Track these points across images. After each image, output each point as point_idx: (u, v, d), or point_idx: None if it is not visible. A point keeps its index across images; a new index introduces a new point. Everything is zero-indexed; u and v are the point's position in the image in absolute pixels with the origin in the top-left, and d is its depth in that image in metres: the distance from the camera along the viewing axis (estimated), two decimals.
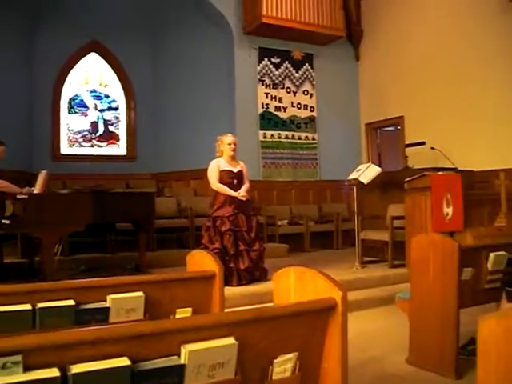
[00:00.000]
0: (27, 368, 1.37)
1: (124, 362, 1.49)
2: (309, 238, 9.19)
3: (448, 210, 6.17)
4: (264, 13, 9.39)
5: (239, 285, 5.68)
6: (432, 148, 8.25)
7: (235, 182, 6.01)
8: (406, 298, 3.93)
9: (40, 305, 2.23)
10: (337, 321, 1.84)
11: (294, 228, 9.29)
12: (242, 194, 5.94)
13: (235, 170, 6.05)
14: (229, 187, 5.93)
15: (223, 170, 5.99)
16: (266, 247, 6.34)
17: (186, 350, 1.58)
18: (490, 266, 3.68)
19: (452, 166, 7.53)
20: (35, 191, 5.73)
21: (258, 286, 5.69)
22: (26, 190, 5.76)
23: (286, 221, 9.34)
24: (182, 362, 1.58)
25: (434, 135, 8.79)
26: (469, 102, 8.63)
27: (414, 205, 6.39)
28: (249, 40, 10.01)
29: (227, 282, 5.35)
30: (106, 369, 1.45)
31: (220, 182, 5.95)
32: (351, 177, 6.98)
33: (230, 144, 6.04)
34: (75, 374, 1.41)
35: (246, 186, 6.07)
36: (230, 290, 5.04)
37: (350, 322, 1.90)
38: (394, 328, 4.65)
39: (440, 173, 6.57)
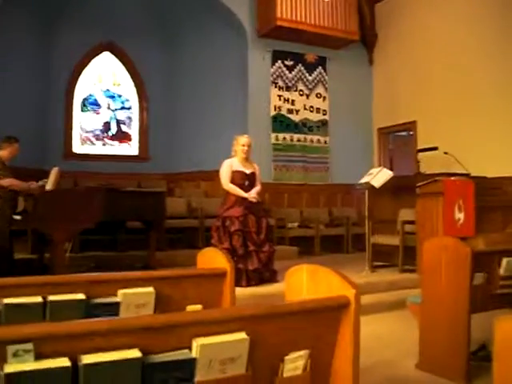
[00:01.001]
0: (38, 357, 1.37)
1: (135, 353, 1.48)
2: (319, 242, 9.15)
3: (460, 216, 6.13)
4: (278, 15, 9.40)
5: (249, 285, 5.66)
6: (445, 153, 8.20)
7: (247, 183, 5.97)
8: (417, 303, 3.90)
9: (51, 297, 2.23)
10: (349, 319, 1.82)
11: (305, 231, 9.26)
12: (252, 195, 5.91)
13: (248, 172, 6.02)
14: (240, 188, 5.91)
15: (236, 171, 5.96)
16: (276, 249, 6.31)
17: (197, 343, 1.57)
18: (502, 271, 3.65)
19: (465, 172, 7.47)
20: (47, 187, 5.75)
21: (267, 287, 5.67)
22: (33, 184, 5.80)
23: (296, 223, 9.32)
24: (194, 355, 1.57)
25: (447, 141, 8.73)
26: (482, 108, 8.58)
27: (426, 210, 6.34)
28: (263, 43, 10.02)
29: (237, 283, 5.30)
30: (117, 360, 1.45)
31: (232, 183, 5.94)
32: (363, 180, 6.93)
33: (243, 145, 6.00)
34: (86, 365, 1.40)
35: (257, 188, 6.04)
36: (239, 291, 5.00)
37: (360, 325, 1.88)
38: (404, 332, 4.61)
39: (453, 178, 6.53)
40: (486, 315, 3.40)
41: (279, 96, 10.20)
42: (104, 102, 10.84)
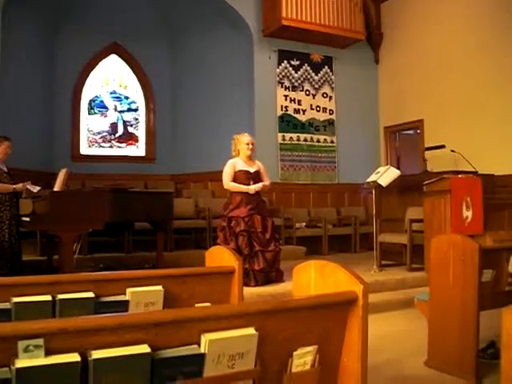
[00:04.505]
0: (49, 352, 1.38)
1: (144, 349, 1.49)
2: (327, 241, 9.15)
3: (468, 214, 6.11)
4: (284, 15, 9.40)
5: (256, 285, 5.66)
6: (452, 151, 8.19)
7: (252, 182, 5.95)
8: (425, 300, 3.89)
9: (60, 296, 2.24)
10: (357, 314, 1.82)
11: (312, 231, 9.26)
12: (256, 188, 5.90)
13: (252, 170, 6.00)
14: None
15: (240, 170, 5.94)
16: (284, 249, 6.30)
17: (206, 339, 1.57)
18: (510, 268, 3.64)
19: (472, 170, 7.46)
20: (55, 189, 5.77)
21: (275, 286, 5.68)
22: (20, 185, 5.79)
23: (303, 223, 9.31)
24: (202, 351, 1.57)
25: (454, 139, 8.71)
26: (490, 106, 8.55)
27: (433, 208, 6.33)
28: (268, 42, 10.02)
29: (245, 284, 5.31)
30: (127, 355, 1.45)
31: (236, 182, 5.93)
32: (370, 179, 6.92)
33: (248, 144, 5.99)
34: (96, 360, 1.41)
35: (264, 183, 6.03)
36: (246, 290, 5.00)
37: (368, 324, 1.88)
38: (413, 331, 4.61)
39: (460, 176, 6.51)
40: (494, 312, 3.38)
41: (285, 96, 10.20)
42: (111, 103, 10.86)
